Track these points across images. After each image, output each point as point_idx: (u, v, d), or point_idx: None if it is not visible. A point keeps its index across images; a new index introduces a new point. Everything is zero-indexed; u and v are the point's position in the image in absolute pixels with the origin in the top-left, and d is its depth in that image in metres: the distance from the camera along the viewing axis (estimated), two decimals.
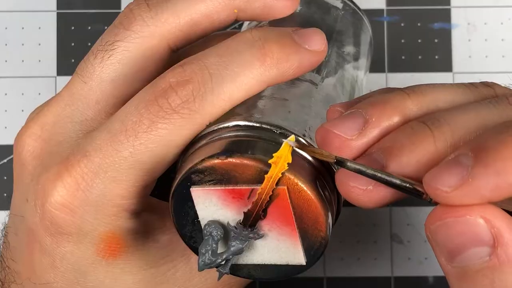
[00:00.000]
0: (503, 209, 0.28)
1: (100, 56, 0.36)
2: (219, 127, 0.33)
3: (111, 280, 0.35)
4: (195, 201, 0.32)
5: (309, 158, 0.32)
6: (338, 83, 0.38)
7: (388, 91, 0.33)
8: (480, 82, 0.33)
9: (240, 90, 0.33)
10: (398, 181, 0.29)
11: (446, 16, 0.49)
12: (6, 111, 0.50)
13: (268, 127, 0.32)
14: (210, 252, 0.32)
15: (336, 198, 0.33)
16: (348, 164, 0.29)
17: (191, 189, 0.32)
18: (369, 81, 0.49)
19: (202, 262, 0.32)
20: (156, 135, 0.33)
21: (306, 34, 0.35)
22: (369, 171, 0.29)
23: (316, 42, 0.35)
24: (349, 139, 0.31)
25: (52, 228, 0.34)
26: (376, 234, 0.48)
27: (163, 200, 0.38)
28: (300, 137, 0.32)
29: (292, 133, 0.32)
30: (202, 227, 0.32)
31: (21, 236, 0.36)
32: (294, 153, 0.31)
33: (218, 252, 0.32)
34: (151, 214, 0.37)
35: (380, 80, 0.49)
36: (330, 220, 0.32)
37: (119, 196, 0.34)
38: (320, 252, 0.32)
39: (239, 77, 0.33)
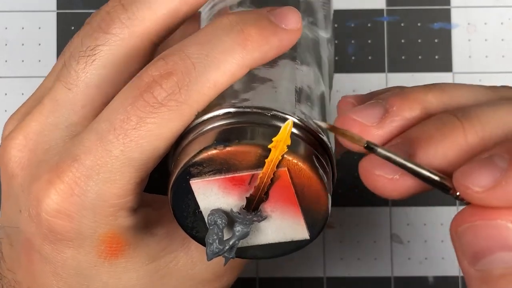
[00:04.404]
0: None
1: (83, 61, 0.35)
2: (209, 116, 0.33)
3: (115, 280, 0.35)
4: (195, 193, 0.32)
5: (301, 135, 0.32)
6: (310, 52, 0.38)
7: (405, 87, 0.32)
8: (501, 86, 0.33)
9: (224, 76, 0.33)
10: (427, 173, 0.28)
11: (446, 16, 0.49)
12: (6, 111, 0.50)
13: (260, 110, 0.32)
14: (217, 240, 0.32)
15: (331, 170, 0.33)
16: (379, 150, 0.28)
17: (190, 181, 0.32)
18: (369, 81, 0.49)
19: (211, 252, 0.32)
20: (145, 130, 0.32)
21: (282, 13, 0.35)
22: (399, 159, 0.28)
23: (292, 21, 0.34)
24: (369, 126, 0.30)
25: (51, 236, 0.34)
26: (376, 234, 0.48)
27: (157, 193, 0.38)
28: (293, 116, 0.32)
29: (284, 113, 0.32)
30: (205, 217, 0.32)
31: (17, 247, 0.36)
32: (291, 134, 0.30)
33: (224, 239, 0.32)
34: (147, 208, 0.36)
35: (380, 80, 0.49)
36: (330, 193, 0.32)
37: (114, 195, 0.33)
38: (322, 225, 0.32)
39: (221, 64, 0.33)
